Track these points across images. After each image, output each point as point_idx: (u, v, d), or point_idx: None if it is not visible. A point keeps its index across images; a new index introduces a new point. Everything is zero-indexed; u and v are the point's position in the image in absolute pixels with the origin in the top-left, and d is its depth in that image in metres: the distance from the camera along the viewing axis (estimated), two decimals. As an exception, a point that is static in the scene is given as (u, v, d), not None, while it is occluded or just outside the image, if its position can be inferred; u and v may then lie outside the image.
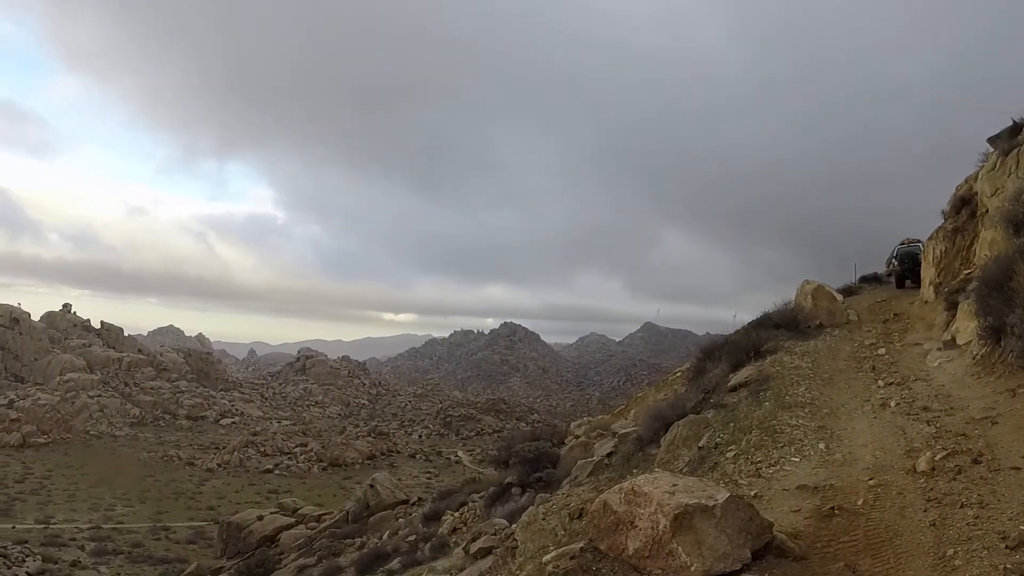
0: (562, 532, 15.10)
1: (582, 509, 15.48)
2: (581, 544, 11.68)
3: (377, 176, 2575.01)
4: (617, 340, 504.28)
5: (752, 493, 13.55)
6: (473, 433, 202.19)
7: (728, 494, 10.89)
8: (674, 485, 11.06)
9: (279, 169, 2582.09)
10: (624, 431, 25.03)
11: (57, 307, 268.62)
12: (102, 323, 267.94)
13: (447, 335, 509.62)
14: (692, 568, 10.39)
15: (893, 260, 42.90)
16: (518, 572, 13.65)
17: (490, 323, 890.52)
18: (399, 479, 76.11)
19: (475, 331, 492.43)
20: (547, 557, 12.03)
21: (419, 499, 55.65)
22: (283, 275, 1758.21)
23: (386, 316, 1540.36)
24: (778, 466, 14.77)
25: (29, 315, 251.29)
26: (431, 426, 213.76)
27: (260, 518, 68.91)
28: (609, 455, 23.11)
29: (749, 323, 31.01)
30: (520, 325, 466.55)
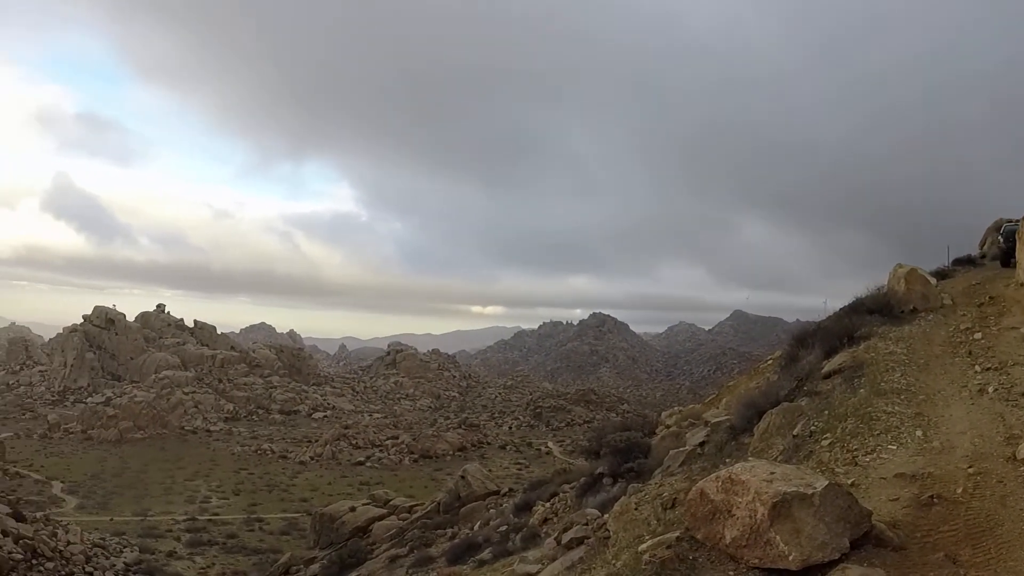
0: (655, 522, 15.00)
1: (675, 499, 15.38)
2: (677, 533, 11.64)
3: (454, 171, 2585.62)
4: (706, 329, 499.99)
5: (849, 481, 13.39)
6: (563, 424, 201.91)
7: (826, 482, 10.78)
8: (772, 473, 10.97)
9: (357, 168, 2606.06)
10: (716, 420, 24.82)
11: (151, 307, 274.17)
12: (195, 322, 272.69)
13: (536, 327, 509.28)
14: (790, 557, 10.29)
15: (999, 238, 41.90)
16: (614, 561, 13.61)
17: (578, 314, 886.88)
18: (490, 470, 76.25)
19: (564, 322, 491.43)
20: (643, 546, 11.99)
21: (510, 490, 55.69)
22: (369, 271, 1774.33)
23: (474, 309, 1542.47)
24: (875, 454, 14.57)
25: (124, 316, 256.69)
26: (521, 417, 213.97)
27: (352, 509, 69.35)
28: (701, 444, 22.94)
29: (841, 309, 30.47)
30: (609, 315, 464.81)
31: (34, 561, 73.13)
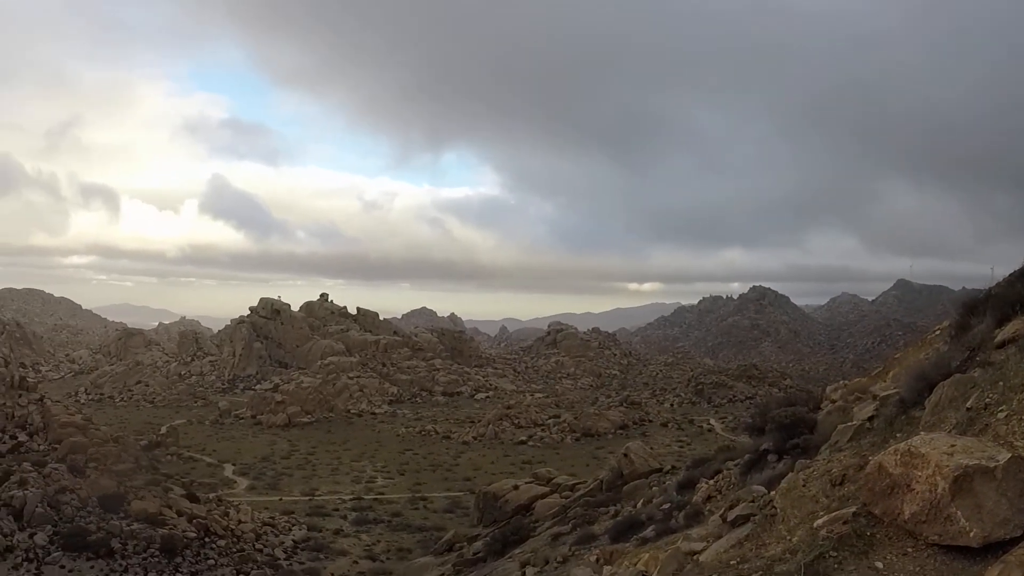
0: (824, 499, 14.49)
1: (844, 475, 14.86)
2: (853, 509, 11.23)
3: (588, 151, 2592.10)
4: (869, 300, 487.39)
5: (1030, 455, 12.63)
6: (725, 400, 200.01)
7: (1009, 455, 10.14)
8: (952, 446, 10.38)
9: (497, 153, 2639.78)
10: (885, 394, 23.95)
11: (314, 297, 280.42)
12: (358, 309, 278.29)
13: (695, 302, 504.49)
14: (971, 534, 9.72)
15: None
16: (789, 537, 13.21)
17: (736, 288, 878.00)
18: (651, 448, 75.57)
19: (723, 297, 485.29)
20: (819, 522, 11.63)
21: (672, 467, 55.02)
22: (525, 253, 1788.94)
23: (631, 286, 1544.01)
24: (1055, 426, 13.75)
25: (289, 306, 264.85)
26: (682, 394, 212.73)
27: (515, 488, 69.69)
28: (870, 419, 22.17)
29: (1011, 275, 29.07)
30: (769, 288, 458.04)
31: (207, 539, 75.55)
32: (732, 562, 14.33)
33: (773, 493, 17.61)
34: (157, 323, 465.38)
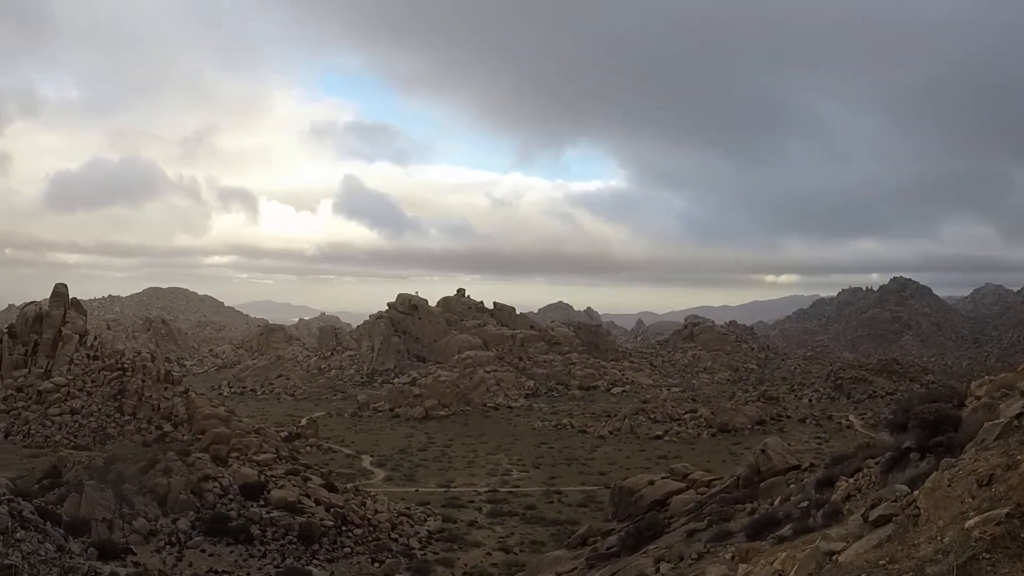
0: (971, 499, 13.93)
1: (991, 475, 14.27)
2: (1006, 510, 10.72)
3: (710, 143, 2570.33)
4: (1015, 290, 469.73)
5: None
6: (864, 396, 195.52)
7: None
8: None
9: (622, 147, 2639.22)
10: (1035, 390, 23.01)
11: (451, 292, 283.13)
12: (495, 304, 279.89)
13: (835, 294, 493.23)
14: None
15: None
16: (939, 537, 12.71)
17: (874, 279, 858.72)
18: (789, 444, 74.29)
19: (863, 288, 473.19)
20: (970, 523, 11.21)
21: (810, 465, 53.87)
22: (657, 246, 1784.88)
23: (768, 278, 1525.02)
24: None
25: (426, 301, 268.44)
26: (821, 389, 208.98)
27: (651, 483, 69.01)
28: (1018, 416, 21.27)
29: None
30: (910, 280, 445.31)
31: (344, 527, 76.95)
32: (881, 562, 13.90)
33: (916, 493, 17.02)
34: (297, 319, 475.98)
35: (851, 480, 31.87)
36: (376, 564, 70.69)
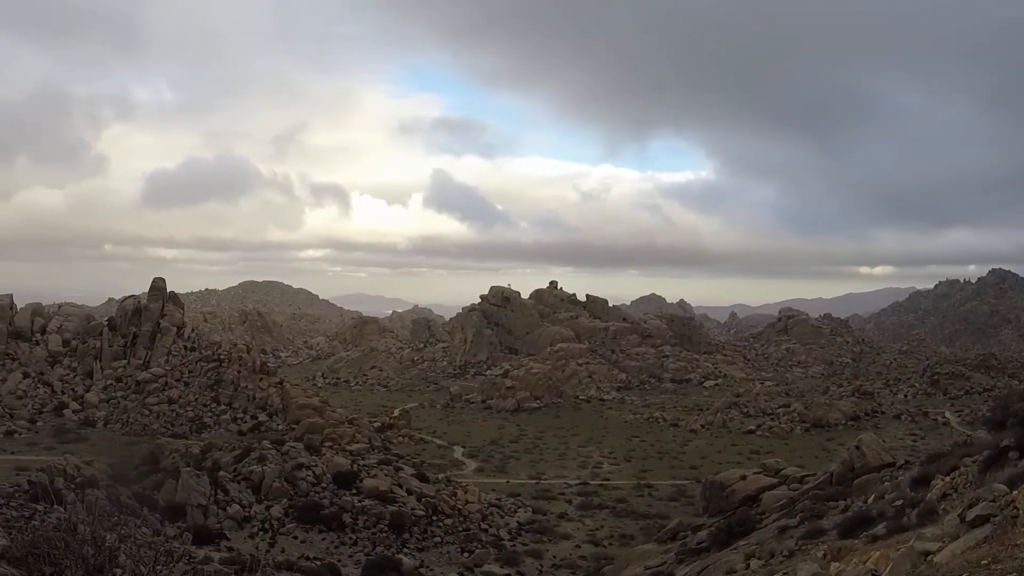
0: (1072, 500, 13.34)
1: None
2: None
3: (795, 132, 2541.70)
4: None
5: None
6: (962, 392, 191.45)
7: None
8: None
9: (709, 138, 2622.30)
10: None
11: (543, 285, 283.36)
12: (587, 296, 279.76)
13: (931, 286, 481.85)
14: None
15: None
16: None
17: (972, 271, 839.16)
18: (884, 440, 72.97)
19: (961, 281, 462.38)
20: None
21: (905, 462, 52.99)
22: (749, 237, 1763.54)
23: (862, 270, 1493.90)
24: None
25: (518, 294, 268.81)
26: (917, 385, 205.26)
27: (743, 478, 68.54)
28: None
29: None
30: (1009, 272, 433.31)
31: (434, 517, 77.54)
32: (983, 562, 13.50)
33: (1016, 493, 16.52)
34: (391, 311, 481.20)
35: (947, 479, 31.27)
36: (466, 554, 71.09)
